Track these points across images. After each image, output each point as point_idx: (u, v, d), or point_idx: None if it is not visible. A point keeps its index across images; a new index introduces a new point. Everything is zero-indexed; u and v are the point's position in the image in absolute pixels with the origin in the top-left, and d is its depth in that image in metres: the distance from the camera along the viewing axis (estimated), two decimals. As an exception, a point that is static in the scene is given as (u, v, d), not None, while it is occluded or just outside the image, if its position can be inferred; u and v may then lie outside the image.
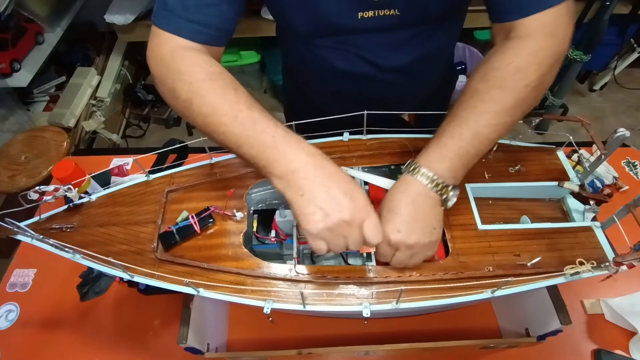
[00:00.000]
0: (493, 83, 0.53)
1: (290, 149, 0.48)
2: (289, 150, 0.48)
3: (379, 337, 0.77)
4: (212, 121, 0.51)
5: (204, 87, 0.52)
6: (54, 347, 0.79)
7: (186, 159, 0.90)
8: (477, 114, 0.53)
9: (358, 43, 0.69)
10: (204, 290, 0.54)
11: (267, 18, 1.78)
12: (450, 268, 0.56)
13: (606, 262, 0.53)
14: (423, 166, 0.53)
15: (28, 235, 0.55)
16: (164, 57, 0.55)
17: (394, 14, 0.63)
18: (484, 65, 0.56)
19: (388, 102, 0.77)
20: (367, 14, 0.62)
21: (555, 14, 0.53)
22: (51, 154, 1.55)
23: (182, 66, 0.54)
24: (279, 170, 0.48)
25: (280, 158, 0.48)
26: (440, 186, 0.52)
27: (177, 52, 0.55)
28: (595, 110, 2.31)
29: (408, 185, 0.53)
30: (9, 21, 1.81)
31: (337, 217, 0.46)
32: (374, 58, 0.71)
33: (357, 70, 0.73)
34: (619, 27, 2.00)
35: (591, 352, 0.75)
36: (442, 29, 0.71)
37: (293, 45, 0.78)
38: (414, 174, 0.53)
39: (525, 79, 0.52)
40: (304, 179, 0.47)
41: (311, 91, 0.88)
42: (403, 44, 0.70)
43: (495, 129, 0.53)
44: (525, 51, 0.53)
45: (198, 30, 0.56)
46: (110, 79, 2.17)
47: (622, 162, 1.01)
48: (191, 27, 0.56)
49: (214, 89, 0.52)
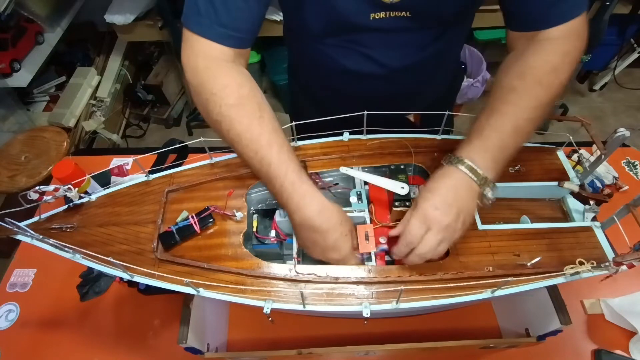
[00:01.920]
0: (531, 80, 0.56)
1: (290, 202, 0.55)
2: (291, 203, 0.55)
3: (379, 337, 0.77)
4: (237, 147, 0.57)
5: (232, 113, 0.56)
6: (54, 347, 0.79)
7: (186, 159, 0.90)
8: (518, 109, 0.56)
9: (367, 43, 0.69)
10: (204, 290, 0.54)
11: (267, 18, 1.78)
12: (450, 268, 0.56)
13: (606, 262, 0.53)
14: (466, 158, 0.55)
15: (28, 235, 0.55)
16: (198, 71, 0.58)
17: (405, 16, 0.63)
18: (519, 63, 0.59)
19: (395, 102, 0.77)
20: (379, 15, 0.63)
21: (582, 18, 0.58)
22: (51, 154, 1.55)
23: (215, 86, 0.57)
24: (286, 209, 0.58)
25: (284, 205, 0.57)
26: (481, 177, 0.54)
27: (211, 66, 0.58)
28: (595, 110, 2.31)
29: (451, 173, 0.55)
30: (9, 21, 1.81)
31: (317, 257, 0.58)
32: (382, 58, 0.71)
33: (365, 70, 0.73)
34: (619, 27, 2.00)
35: (591, 352, 0.75)
36: (451, 31, 0.71)
37: (302, 44, 0.78)
38: (457, 164, 0.55)
39: (559, 77, 0.57)
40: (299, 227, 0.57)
41: (317, 91, 0.88)
42: (412, 45, 0.70)
43: (533, 122, 0.56)
44: (560, 52, 0.57)
45: (229, 35, 0.59)
46: (110, 79, 2.17)
47: (622, 162, 1.01)
48: (223, 32, 0.58)
49: (241, 117, 0.56)
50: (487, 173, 0.54)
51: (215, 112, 0.57)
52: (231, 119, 0.56)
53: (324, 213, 0.55)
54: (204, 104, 0.58)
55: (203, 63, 0.58)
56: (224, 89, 0.57)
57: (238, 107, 0.57)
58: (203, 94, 0.58)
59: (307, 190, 0.55)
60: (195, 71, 0.59)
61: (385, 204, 0.65)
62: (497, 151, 0.55)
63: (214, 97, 0.57)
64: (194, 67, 0.59)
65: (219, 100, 0.56)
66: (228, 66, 0.59)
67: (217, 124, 0.58)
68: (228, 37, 0.59)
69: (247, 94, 0.58)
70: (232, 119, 0.56)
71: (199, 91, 0.58)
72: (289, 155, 0.56)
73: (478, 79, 2.01)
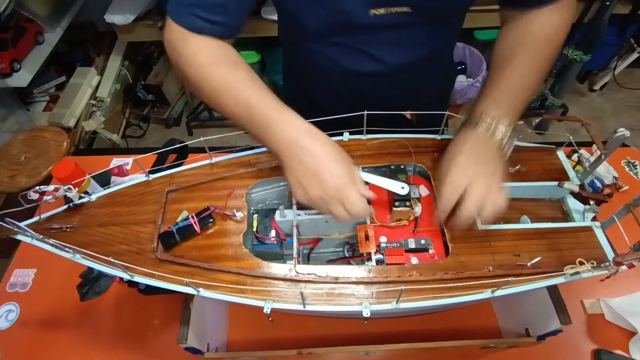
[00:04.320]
0: (531, 45, 0.62)
1: (277, 128, 0.55)
2: (278, 129, 0.55)
3: (379, 337, 0.77)
4: (218, 103, 0.59)
5: (207, 71, 0.58)
6: (54, 347, 0.79)
7: (186, 159, 0.90)
8: (524, 68, 0.61)
9: (366, 40, 0.69)
10: (204, 290, 0.54)
11: (267, 18, 1.78)
12: (450, 268, 0.56)
13: (606, 262, 0.53)
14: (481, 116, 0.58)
15: (28, 235, 0.55)
16: (175, 45, 0.60)
17: (404, 12, 0.64)
18: (516, 31, 0.65)
19: (393, 100, 0.78)
20: (379, 11, 0.63)
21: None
22: (51, 154, 1.55)
23: (189, 52, 0.59)
24: (273, 147, 0.56)
25: (273, 137, 0.56)
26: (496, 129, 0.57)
27: (186, 39, 0.60)
28: (595, 110, 2.31)
29: (466, 137, 0.58)
30: (9, 21, 1.81)
31: (314, 194, 0.53)
32: (380, 55, 0.71)
33: (364, 68, 0.73)
34: (619, 27, 2.00)
35: (591, 352, 0.75)
36: (447, 28, 0.72)
37: (298, 44, 0.78)
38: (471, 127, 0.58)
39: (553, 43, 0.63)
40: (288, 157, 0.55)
41: (314, 91, 0.88)
42: (410, 42, 0.70)
43: (538, 77, 0.62)
44: (554, 19, 0.63)
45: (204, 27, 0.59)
46: (110, 79, 2.17)
47: (622, 162, 1.01)
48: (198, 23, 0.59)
49: (218, 72, 0.58)
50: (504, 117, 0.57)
51: (194, 75, 0.59)
52: (209, 76, 0.58)
53: (311, 129, 0.56)
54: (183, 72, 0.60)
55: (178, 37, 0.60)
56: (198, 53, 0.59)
57: (215, 65, 0.59)
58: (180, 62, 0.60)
59: (293, 114, 0.56)
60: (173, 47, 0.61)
61: (386, 204, 0.65)
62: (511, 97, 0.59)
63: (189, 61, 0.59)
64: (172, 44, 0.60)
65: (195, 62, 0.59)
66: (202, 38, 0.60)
67: (196, 86, 0.59)
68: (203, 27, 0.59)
69: (220, 53, 0.60)
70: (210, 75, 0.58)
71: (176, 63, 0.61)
72: (269, 92, 0.58)
73: (478, 79, 2.01)
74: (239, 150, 0.69)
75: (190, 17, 0.58)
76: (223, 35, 0.61)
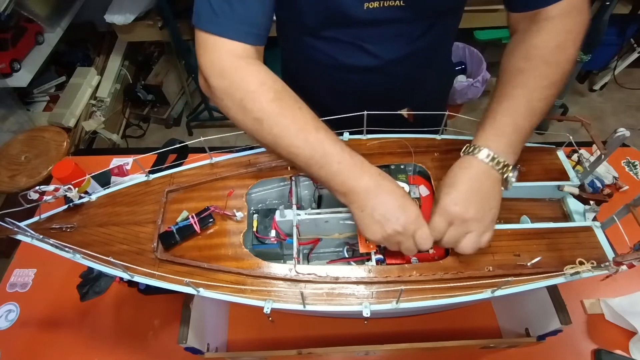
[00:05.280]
0: (537, 60, 0.57)
1: (353, 174, 0.54)
2: (353, 175, 0.54)
3: (379, 337, 0.77)
4: (283, 142, 0.55)
5: (274, 108, 0.55)
6: (54, 347, 0.79)
7: (186, 159, 0.90)
8: (528, 90, 0.56)
9: (361, 35, 0.69)
10: (204, 290, 0.54)
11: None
12: (450, 268, 0.56)
13: (606, 262, 0.53)
14: (482, 146, 0.55)
15: (28, 235, 0.55)
16: (226, 72, 0.57)
17: (398, 5, 0.64)
18: (522, 45, 0.59)
19: (389, 97, 0.78)
20: (373, 4, 0.63)
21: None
22: (51, 154, 1.55)
23: (250, 84, 0.56)
24: (344, 190, 0.54)
25: (345, 181, 0.54)
26: (501, 164, 0.54)
27: (241, 65, 0.57)
28: (595, 110, 2.32)
29: (469, 164, 0.55)
30: (9, 21, 1.81)
31: (391, 229, 0.52)
32: (375, 50, 0.71)
33: (359, 62, 0.73)
34: (619, 27, 2.00)
35: (591, 352, 0.75)
36: (442, 24, 0.72)
37: (295, 40, 0.78)
38: (474, 153, 0.55)
39: (565, 54, 0.58)
40: (365, 198, 0.53)
41: (311, 88, 0.88)
42: (405, 37, 0.70)
43: (546, 102, 0.57)
44: (562, 29, 0.58)
45: (248, 32, 0.58)
46: (110, 79, 2.17)
47: (622, 162, 1.01)
48: (243, 29, 0.57)
49: (284, 110, 0.55)
50: (506, 157, 0.54)
51: (256, 110, 0.55)
52: (275, 113, 0.55)
53: (383, 172, 0.55)
54: (239, 103, 0.56)
55: (230, 63, 0.57)
56: (262, 85, 0.56)
57: (279, 101, 0.56)
58: (237, 94, 0.56)
59: (362, 158, 0.56)
60: (223, 72, 0.57)
61: (385, 204, 0.65)
62: (512, 134, 0.55)
63: (252, 94, 0.55)
64: (220, 68, 0.57)
65: (259, 97, 0.55)
66: (256, 63, 0.58)
67: (256, 122, 0.55)
68: (248, 34, 0.58)
69: (282, 88, 0.57)
70: (277, 113, 0.55)
71: (230, 92, 0.56)
72: (335, 136, 0.56)
73: (478, 79, 2.01)
74: (239, 150, 0.69)
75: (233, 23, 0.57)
76: (263, 38, 0.61)
